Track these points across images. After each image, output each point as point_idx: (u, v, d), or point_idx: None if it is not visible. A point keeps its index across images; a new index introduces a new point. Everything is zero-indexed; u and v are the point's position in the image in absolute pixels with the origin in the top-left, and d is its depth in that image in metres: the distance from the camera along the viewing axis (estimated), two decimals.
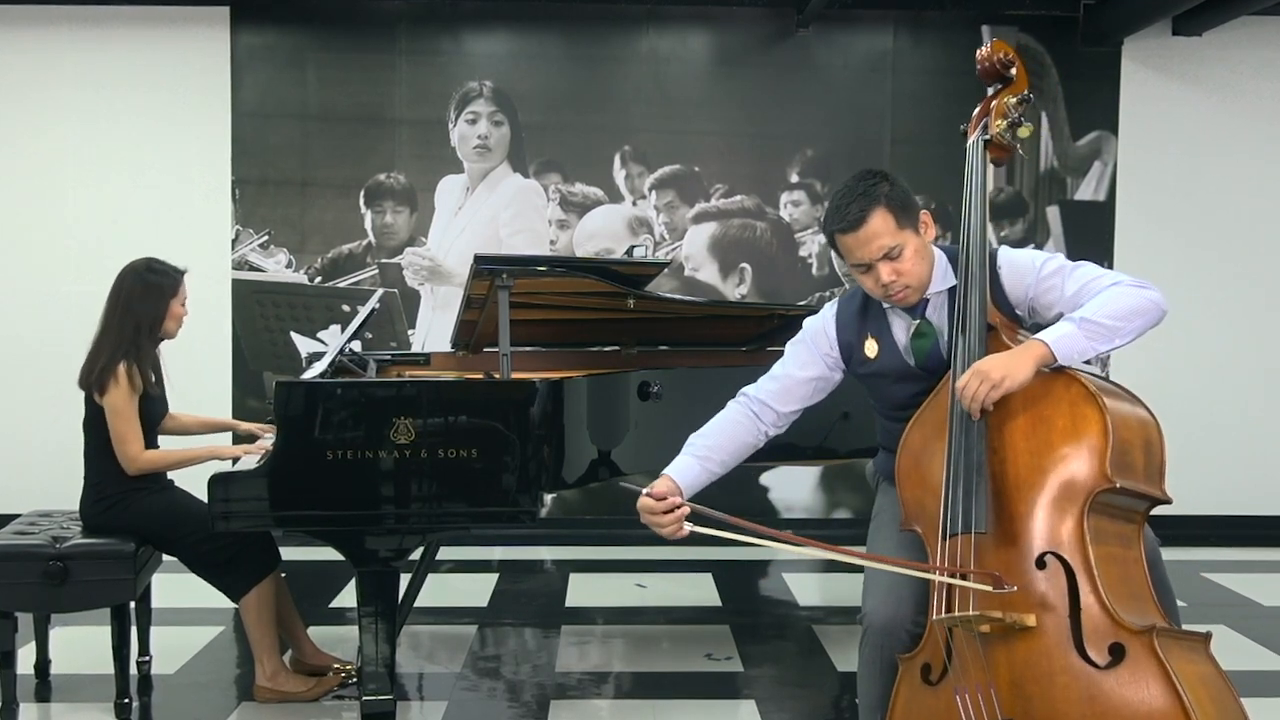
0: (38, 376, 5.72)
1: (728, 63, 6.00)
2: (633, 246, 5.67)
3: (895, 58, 5.99)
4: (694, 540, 2.33)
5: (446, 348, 4.24)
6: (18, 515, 3.79)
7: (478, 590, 5.01)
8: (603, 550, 5.74)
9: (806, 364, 2.64)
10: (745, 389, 2.65)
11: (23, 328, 5.84)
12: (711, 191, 6.01)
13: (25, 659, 3.65)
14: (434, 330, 5.90)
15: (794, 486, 6.05)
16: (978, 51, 2.57)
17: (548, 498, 5.69)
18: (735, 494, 6.00)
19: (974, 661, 2.19)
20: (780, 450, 3.96)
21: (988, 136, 2.51)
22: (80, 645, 3.97)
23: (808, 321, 2.69)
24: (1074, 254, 2.75)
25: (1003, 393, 2.23)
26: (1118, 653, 2.07)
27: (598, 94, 5.98)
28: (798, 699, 3.70)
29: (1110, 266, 5.70)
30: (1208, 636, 2.15)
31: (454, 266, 5.92)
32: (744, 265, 6.01)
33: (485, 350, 4.09)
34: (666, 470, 2.48)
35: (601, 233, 5.98)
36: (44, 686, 3.72)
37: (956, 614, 2.19)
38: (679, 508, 2.35)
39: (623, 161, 5.98)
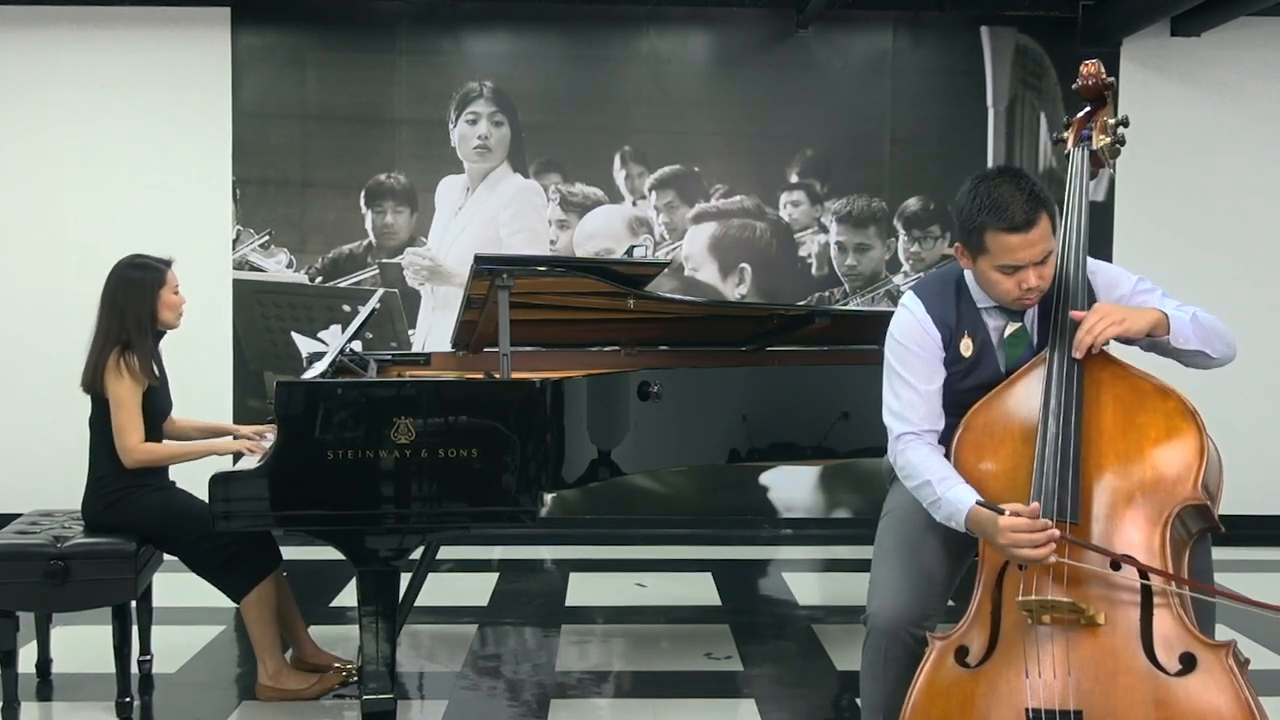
0: (38, 376, 5.72)
1: (728, 63, 6.00)
2: (633, 246, 5.68)
3: (895, 58, 6.00)
4: (694, 540, 2.28)
5: (446, 348, 4.25)
6: (18, 515, 3.79)
7: (478, 590, 5.01)
8: (603, 550, 5.74)
9: (932, 375, 2.52)
10: (901, 431, 2.51)
11: (23, 328, 5.84)
12: (711, 191, 6.01)
13: (27, 658, 3.65)
14: (434, 330, 5.91)
15: (794, 486, 6.05)
16: (1082, 67, 2.57)
17: (548, 497, 5.70)
18: (736, 494, 6.09)
19: (1030, 650, 2.19)
20: (780, 450, 4.00)
21: (1093, 149, 2.56)
22: (81, 644, 3.97)
23: (901, 334, 2.55)
24: None
25: (1120, 331, 2.31)
26: (1189, 662, 2.10)
27: (598, 94, 5.98)
28: (797, 698, 3.70)
29: None
30: (1247, 661, 2.19)
31: (454, 266, 5.92)
32: (744, 265, 6.02)
33: (485, 350, 4.10)
34: (974, 501, 2.29)
35: (601, 233, 5.99)
36: (45, 685, 3.73)
37: (1050, 597, 2.17)
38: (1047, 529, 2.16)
39: (623, 161, 5.98)
